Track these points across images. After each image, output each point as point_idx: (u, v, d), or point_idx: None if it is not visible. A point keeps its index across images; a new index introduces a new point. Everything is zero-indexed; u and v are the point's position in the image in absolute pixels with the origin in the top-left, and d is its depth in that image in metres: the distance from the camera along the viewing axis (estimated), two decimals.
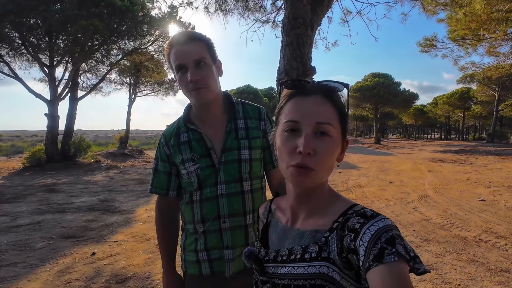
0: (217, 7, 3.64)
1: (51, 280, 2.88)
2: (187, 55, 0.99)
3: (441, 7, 5.19)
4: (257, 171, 1.13)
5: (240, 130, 1.11)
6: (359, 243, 0.51)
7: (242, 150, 1.08)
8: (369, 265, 0.47)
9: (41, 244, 3.81)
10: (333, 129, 0.58)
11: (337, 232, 0.56)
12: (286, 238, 0.66)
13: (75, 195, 6.79)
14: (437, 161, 12.89)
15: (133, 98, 19.40)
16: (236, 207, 1.07)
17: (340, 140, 0.61)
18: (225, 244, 1.07)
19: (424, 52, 10.91)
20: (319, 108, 0.59)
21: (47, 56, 11.41)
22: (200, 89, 1.00)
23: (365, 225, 0.52)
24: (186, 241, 1.14)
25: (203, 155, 1.07)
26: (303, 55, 1.92)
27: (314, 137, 0.57)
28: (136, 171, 10.90)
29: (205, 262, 1.08)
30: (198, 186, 1.07)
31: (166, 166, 1.14)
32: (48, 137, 11.44)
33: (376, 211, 0.55)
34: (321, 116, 0.58)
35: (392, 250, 0.47)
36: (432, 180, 8.18)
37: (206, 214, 1.07)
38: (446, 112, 40.80)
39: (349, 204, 0.62)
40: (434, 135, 70.97)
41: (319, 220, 0.62)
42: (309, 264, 0.57)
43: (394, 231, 0.50)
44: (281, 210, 0.74)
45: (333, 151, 0.59)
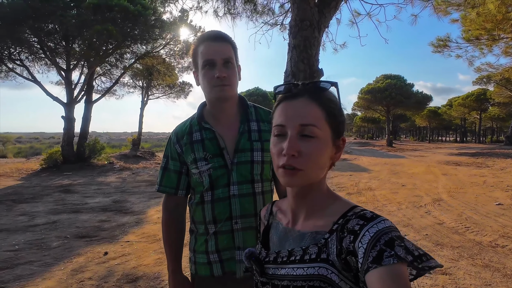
0: (225, 11, 3.69)
1: (65, 278, 2.96)
2: (217, 52, 1.02)
3: (454, 7, 5.08)
4: (267, 174, 1.14)
5: (253, 132, 1.12)
6: (358, 245, 0.51)
7: (255, 152, 1.09)
8: (368, 267, 0.47)
9: (56, 243, 3.92)
10: (318, 130, 0.59)
11: (336, 233, 0.56)
12: (287, 240, 0.66)
13: (89, 195, 6.96)
14: (452, 164, 12.55)
15: (145, 101, 19.77)
16: (248, 208, 1.07)
17: (329, 140, 0.61)
18: (236, 245, 1.07)
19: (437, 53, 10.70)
20: (304, 110, 0.60)
21: (64, 60, 11.81)
22: (224, 86, 1.03)
23: (365, 227, 0.52)
24: (197, 243, 1.13)
25: (215, 154, 1.07)
26: (310, 57, 1.92)
27: (300, 139, 0.58)
28: (148, 172, 11.09)
29: (216, 263, 1.08)
30: (210, 186, 1.07)
31: (176, 165, 1.13)
32: (64, 139, 11.80)
33: (376, 213, 0.55)
34: (305, 118, 0.59)
35: (391, 253, 0.47)
36: (447, 184, 7.97)
37: (218, 214, 1.07)
38: (461, 114, 39.68)
39: (349, 205, 0.61)
40: (449, 138, 69.15)
41: (319, 222, 0.62)
42: (308, 266, 0.57)
43: (394, 233, 0.50)
44: (282, 212, 0.74)
45: (319, 152, 0.59)
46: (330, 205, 0.63)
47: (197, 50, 1.06)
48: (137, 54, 12.53)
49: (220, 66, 1.02)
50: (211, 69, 1.03)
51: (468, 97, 35.75)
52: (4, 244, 3.81)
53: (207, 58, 1.02)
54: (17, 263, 3.27)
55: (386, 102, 29.72)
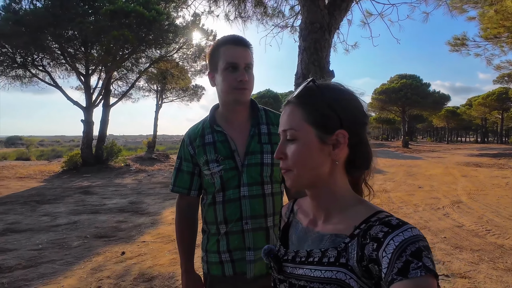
0: (236, 14, 3.74)
1: (85, 277, 3.07)
2: (241, 56, 1.06)
3: (471, 5, 4.92)
4: (277, 176, 1.16)
5: (263, 135, 1.14)
6: (382, 254, 0.48)
7: (265, 154, 1.12)
8: (393, 279, 0.45)
9: (77, 243, 4.07)
10: (295, 132, 0.61)
11: (358, 239, 0.55)
12: (306, 240, 0.66)
13: (107, 197, 7.18)
14: (472, 165, 12.12)
15: (160, 104, 20.19)
16: (258, 209, 1.10)
17: (312, 139, 0.60)
18: (247, 245, 1.09)
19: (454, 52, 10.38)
20: (285, 117, 0.64)
21: (83, 65, 12.27)
22: (245, 90, 1.07)
23: (389, 234, 0.49)
24: (209, 243, 1.16)
25: (227, 156, 1.10)
26: (320, 59, 1.93)
27: (286, 143, 0.63)
28: (163, 174, 11.30)
29: (228, 263, 1.11)
30: (221, 187, 1.10)
31: (189, 166, 1.17)
32: (84, 142, 12.22)
33: (402, 220, 0.52)
34: (285, 124, 0.63)
35: (419, 264, 0.44)
36: (466, 185, 7.71)
37: (229, 215, 1.10)
38: (482, 113, 38.19)
39: (373, 210, 0.59)
40: (469, 138, 66.71)
41: (339, 225, 0.61)
42: (326, 269, 0.56)
43: (422, 243, 0.47)
44: (302, 212, 0.74)
45: (302, 152, 0.60)
46: (352, 208, 0.62)
47: (218, 51, 1.08)
48: (152, 59, 12.85)
49: (242, 70, 1.06)
50: (233, 72, 1.06)
51: (489, 96, 34.40)
52: (28, 244, 3.99)
53: (231, 61, 1.05)
54: (40, 262, 3.42)
55: (402, 102, 29.04)
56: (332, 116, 0.60)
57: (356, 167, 0.64)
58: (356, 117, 0.62)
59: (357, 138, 0.61)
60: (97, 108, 12.84)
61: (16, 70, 11.75)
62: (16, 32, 9.38)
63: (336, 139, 0.60)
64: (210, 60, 1.13)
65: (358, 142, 0.62)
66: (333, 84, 0.65)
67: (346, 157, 0.62)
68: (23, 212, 5.68)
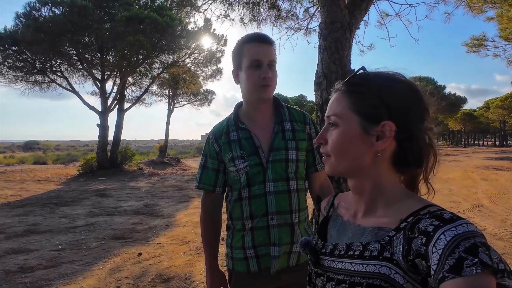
0: (251, 18, 3.77)
1: (104, 277, 3.12)
2: (265, 54, 1.07)
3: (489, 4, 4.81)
4: (301, 172, 1.16)
5: (287, 131, 1.15)
6: (432, 249, 0.44)
7: (290, 151, 1.13)
8: (443, 277, 0.41)
9: (95, 244, 4.15)
10: (338, 119, 0.60)
11: (404, 232, 0.51)
12: (346, 233, 0.64)
13: (123, 199, 7.30)
14: (491, 168, 11.73)
15: (171, 109, 20.47)
16: (283, 205, 1.10)
17: (355, 127, 0.58)
18: (272, 241, 1.09)
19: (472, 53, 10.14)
20: (332, 103, 0.63)
21: (99, 71, 12.61)
22: (268, 87, 1.09)
23: (440, 228, 0.45)
24: (234, 239, 1.17)
25: (252, 153, 1.11)
26: (342, 58, 1.92)
27: (329, 129, 0.63)
28: (175, 178, 11.42)
29: (252, 259, 1.11)
30: (247, 183, 1.11)
31: (214, 163, 1.18)
32: (99, 146, 12.49)
33: (457, 215, 0.47)
34: (330, 110, 0.63)
35: (474, 261, 0.40)
36: (487, 189, 7.46)
37: (255, 210, 1.10)
38: (500, 116, 36.99)
39: (423, 203, 0.55)
40: (487, 142, 64.70)
41: (383, 218, 0.58)
42: (368, 262, 0.54)
43: (478, 239, 0.43)
44: (344, 206, 0.72)
45: (342, 139, 0.60)
46: (399, 201, 0.59)
47: (243, 49, 1.10)
48: (165, 64, 13.09)
49: (265, 67, 1.06)
50: (257, 69, 1.07)
51: (508, 98, 33.34)
52: (48, 244, 4.09)
53: (255, 58, 1.06)
54: (60, 262, 3.50)
55: None
56: (379, 106, 0.57)
57: (406, 164, 0.60)
58: (409, 110, 0.57)
59: (408, 133, 0.57)
60: (112, 112, 13.15)
61: (36, 75, 12.19)
62: (36, 39, 9.72)
63: (382, 130, 0.56)
64: (234, 58, 1.14)
65: (408, 137, 0.57)
66: (388, 73, 0.61)
67: (394, 151, 0.58)
68: (42, 213, 5.84)
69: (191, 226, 4.93)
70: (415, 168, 0.61)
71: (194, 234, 4.52)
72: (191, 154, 28.12)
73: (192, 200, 7.22)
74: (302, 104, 39.29)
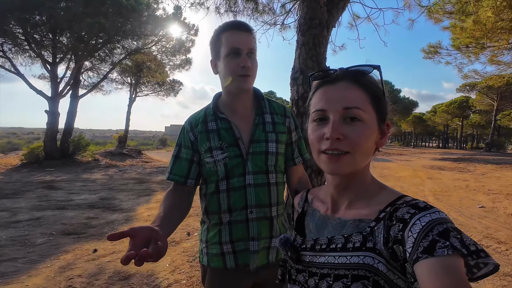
0: (227, 8, 3.68)
1: (53, 276, 2.85)
2: (244, 42, 1.02)
3: (447, 15, 5.28)
4: (281, 165, 1.14)
5: (267, 123, 1.12)
6: (408, 233, 0.47)
7: (270, 143, 1.10)
8: (418, 257, 0.44)
9: (41, 240, 3.78)
10: (363, 113, 0.56)
11: (384, 222, 0.53)
12: (326, 227, 0.64)
13: (75, 192, 6.76)
14: (436, 168, 12.95)
15: (133, 98, 19.39)
16: (263, 198, 1.07)
17: (374, 124, 0.58)
18: (251, 235, 1.06)
19: (428, 59, 11.10)
20: (346, 93, 0.57)
21: (50, 53, 11.44)
22: (247, 76, 1.03)
23: (416, 215, 0.48)
24: (209, 234, 1.11)
25: (231, 144, 1.06)
26: (318, 55, 1.95)
27: (343, 123, 0.56)
28: (136, 170, 10.87)
29: (229, 254, 1.07)
30: (225, 175, 1.06)
31: (188, 153, 1.11)
32: (47, 134, 11.41)
33: (430, 204, 0.51)
34: (348, 101, 0.56)
35: (446, 243, 0.43)
36: (432, 187, 8.21)
37: (234, 203, 1.06)
38: (444, 120, 41.09)
39: (398, 194, 0.58)
40: (432, 144, 71.31)
41: (362, 210, 0.59)
42: (352, 254, 0.54)
43: (450, 224, 0.46)
44: (319, 200, 0.72)
45: (366, 135, 0.56)
46: (375, 194, 0.61)
47: (220, 37, 1.04)
48: (128, 50, 12.29)
49: (245, 56, 1.02)
50: (235, 58, 1.02)
51: (452, 104, 37.06)
52: None
53: (234, 46, 1.01)
54: (0, 260, 3.13)
55: None
56: (386, 105, 0.61)
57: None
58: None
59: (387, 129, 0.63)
60: (64, 99, 12.08)
61: None
62: None
63: (386, 128, 0.61)
64: (212, 47, 1.08)
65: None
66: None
67: None
68: None
69: None
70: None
71: None
72: (154, 146, 26.99)
73: (155, 193, 6.92)
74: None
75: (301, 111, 2.07)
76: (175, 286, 2.71)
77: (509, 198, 6.57)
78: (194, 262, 3.22)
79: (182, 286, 2.71)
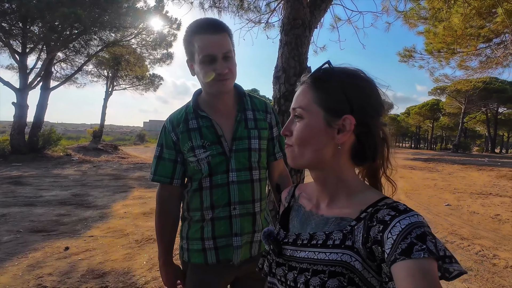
0: (212, 4, 3.64)
1: (21, 274, 2.72)
2: (218, 45, 0.97)
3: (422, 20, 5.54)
4: (263, 162, 1.15)
5: (249, 120, 1.13)
6: (387, 235, 0.49)
7: (252, 140, 1.10)
8: (395, 258, 0.46)
9: (7, 237, 3.58)
10: (303, 112, 0.61)
11: (364, 222, 0.55)
12: (309, 223, 0.66)
13: (44, 188, 6.44)
14: (408, 168, 13.57)
15: (110, 92, 18.70)
16: (246, 194, 1.08)
17: (319, 120, 0.60)
18: (234, 231, 1.07)
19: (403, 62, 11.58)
20: (298, 96, 0.64)
21: (19, 42, 10.75)
22: (226, 80, 1.01)
23: (396, 218, 0.50)
24: (190, 230, 1.11)
25: (213, 142, 1.06)
26: (300, 55, 1.99)
27: (294, 121, 0.65)
28: (111, 166, 10.51)
29: (211, 250, 1.07)
30: (209, 173, 1.06)
31: (172, 153, 1.10)
32: (14, 128, 10.77)
33: (409, 207, 0.53)
34: (296, 103, 0.64)
35: (423, 247, 0.45)
36: (404, 185, 8.61)
37: (217, 200, 1.06)
38: (417, 122, 43.04)
39: (380, 195, 0.60)
40: (405, 144, 74.50)
41: (345, 209, 0.61)
42: (331, 251, 0.56)
43: (426, 228, 0.49)
44: (305, 196, 0.73)
45: (305, 131, 0.61)
46: (358, 193, 0.62)
47: (192, 40, 0.99)
48: (105, 42, 11.79)
49: (221, 61, 0.98)
50: (211, 64, 0.98)
51: (424, 107, 38.86)
52: None
53: (208, 53, 0.97)
54: None
55: None
56: (342, 101, 0.59)
57: (362, 157, 0.63)
58: (369, 106, 0.60)
59: (366, 128, 0.60)
60: (34, 91, 11.44)
61: None
62: None
63: (343, 124, 0.59)
64: (186, 48, 1.04)
65: (366, 132, 0.60)
66: (351, 70, 0.63)
67: (352, 144, 0.62)
68: None
69: (131, 218, 4.60)
70: (370, 161, 0.64)
71: (134, 226, 4.23)
72: (131, 142, 26.19)
73: (132, 190, 6.74)
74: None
75: (283, 109, 2.11)
76: (153, 283, 2.67)
77: (472, 197, 7.03)
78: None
79: (160, 283, 2.67)
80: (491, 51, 9.48)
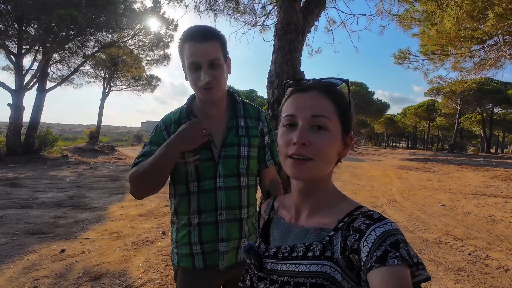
0: (207, 6, 3.66)
1: (16, 277, 2.72)
2: (202, 54, 0.98)
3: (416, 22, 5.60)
4: (253, 169, 1.17)
5: (240, 127, 1.14)
6: (363, 243, 0.50)
7: (242, 147, 1.12)
8: (371, 266, 0.47)
9: (3, 240, 3.58)
10: (329, 122, 0.58)
11: (342, 231, 0.56)
12: (289, 235, 0.66)
13: (41, 190, 6.42)
14: (404, 168, 13.66)
15: (107, 92, 18.64)
16: (233, 200, 1.09)
17: (339, 134, 0.61)
18: (220, 236, 1.08)
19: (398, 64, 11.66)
20: (315, 102, 0.60)
21: (14, 43, 10.71)
22: (211, 89, 1.02)
23: (371, 226, 0.52)
24: (178, 234, 1.12)
25: (203, 147, 1.07)
26: (293, 60, 2.02)
27: (310, 130, 0.58)
28: (108, 167, 10.49)
29: (198, 255, 1.08)
30: (196, 178, 1.07)
31: None
32: (10, 129, 10.72)
33: (383, 215, 0.55)
34: (316, 109, 0.59)
35: (396, 254, 0.47)
36: (400, 186, 8.67)
37: (204, 205, 1.07)
38: (413, 122, 43.30)
39: (355, 205, 0.61)
40: (402, 144, 74.88)
41: (323, 219, 0.61)
42: (312, 262, 0.56)
43: (400, 236, 0.50)
44: (284, 208, 0.73)
45: (330, 144, 0.59)
46: (336, 203, 0.63)
47: (183, 47, 1.02)
48: (102, 43, 11.77)
49: (205, 69, 0.99)
50: (196, 72, 1.01)
51: (420, 107, 39.11)
52: None
53: (192, 61, 0.99)
54: None
55: None
56: (351, 118, 0.63)
57: None
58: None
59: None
60: (30, 92, 11.39)
61: None
62: None
63: (350, 139, 0.63)
64: (180, 55, 1.07)
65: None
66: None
67: None
68: None
69: (127, 220, 4.60)
70: None
71: (130, 228, 4.23)
72: (129, 142, 26.08)
73: (128, 192, 6.73)
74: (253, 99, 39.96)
75: (276, 113, 2.13)
76: (148, 285, 2.68)
77: (466, 198, 7.10)
78: (169, 261, 3.20)
79: (156, 285, 2.69)
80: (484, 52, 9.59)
